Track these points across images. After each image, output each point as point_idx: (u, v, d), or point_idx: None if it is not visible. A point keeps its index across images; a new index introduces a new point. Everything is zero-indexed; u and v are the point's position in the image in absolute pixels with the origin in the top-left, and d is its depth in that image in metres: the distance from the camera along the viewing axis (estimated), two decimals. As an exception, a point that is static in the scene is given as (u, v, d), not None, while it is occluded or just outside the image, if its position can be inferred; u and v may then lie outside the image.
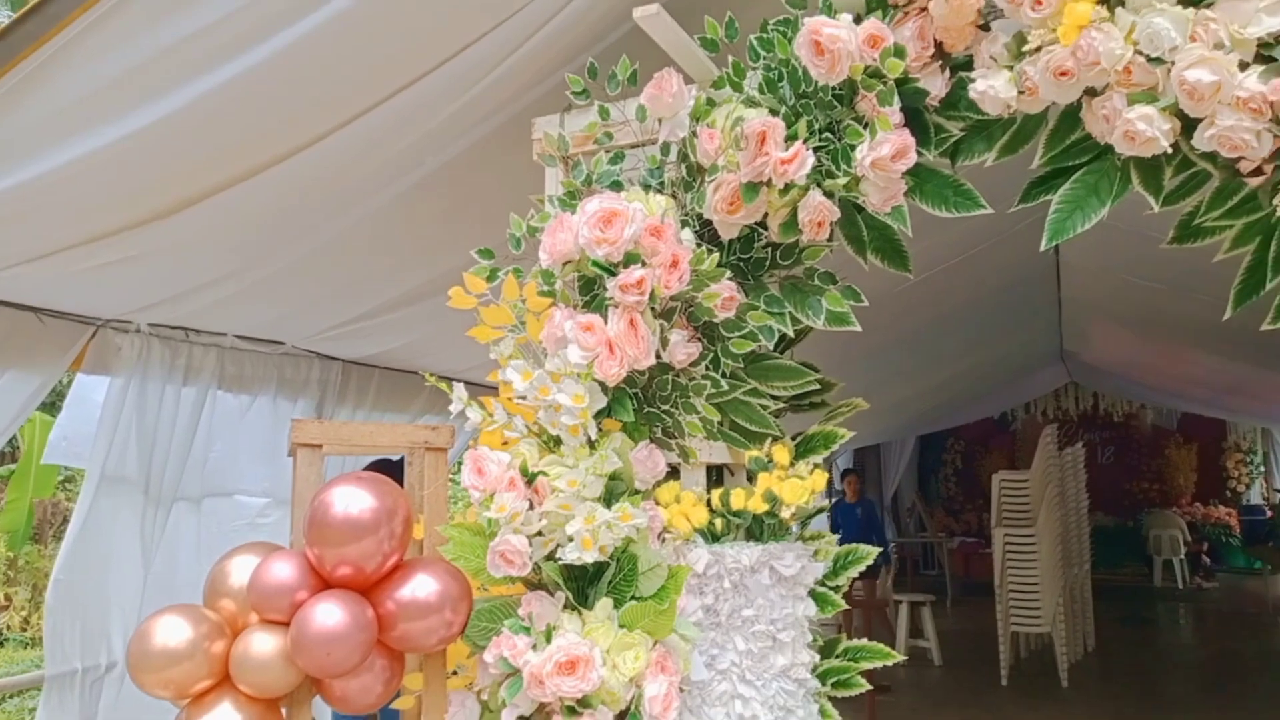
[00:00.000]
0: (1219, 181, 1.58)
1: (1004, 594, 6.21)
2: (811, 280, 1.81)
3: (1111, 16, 1.43)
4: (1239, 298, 1.67)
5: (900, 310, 5.82)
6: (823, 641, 1.99)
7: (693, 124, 1.71)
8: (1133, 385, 11.77)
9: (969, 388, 10.14)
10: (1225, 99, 1.37)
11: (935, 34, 1.57)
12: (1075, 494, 7.49)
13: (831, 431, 2.04)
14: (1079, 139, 1.61)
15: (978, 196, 1.72)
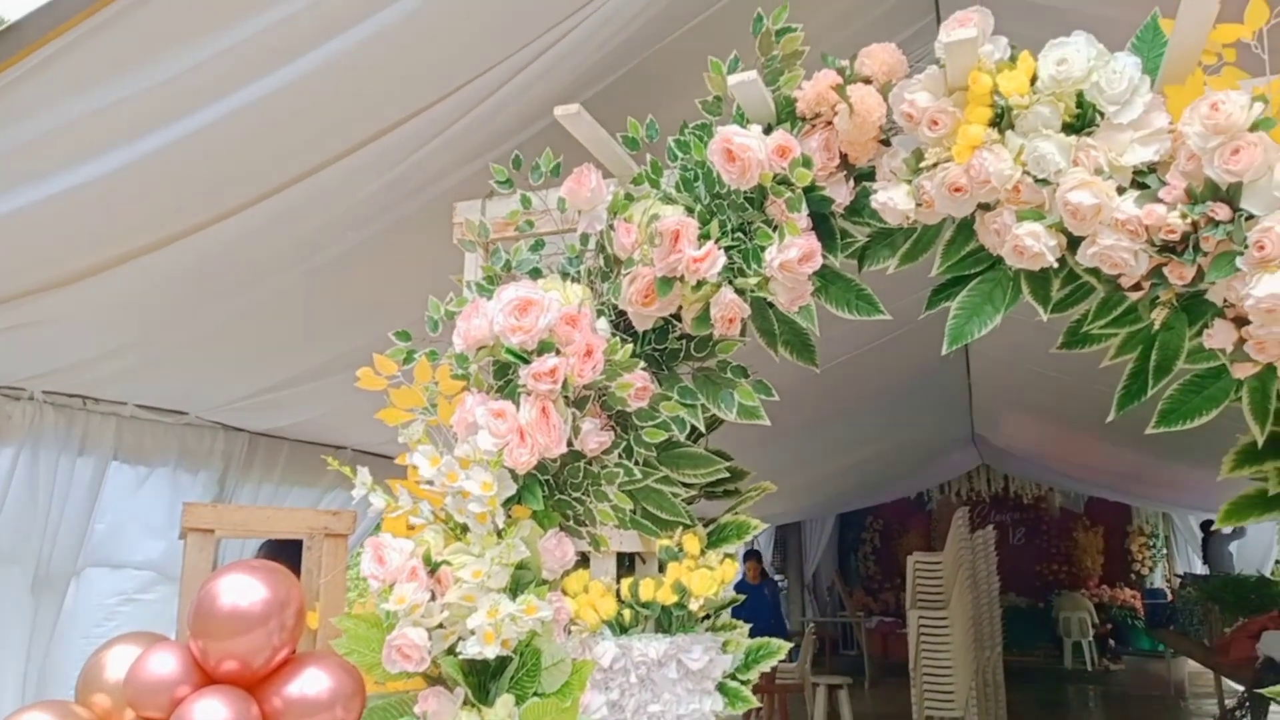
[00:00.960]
0: (1104, 293, 1.69)
1: (918, 677, 6.24)
2: (724, 373, 1.85)
3: (1002, 139, 1.53)
4: (1122, 403, 1.76)
5: (821, 391, 5.95)
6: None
7: (610, 217, 1.75)
8: (1041, 469, 12.18)
9: (887, 468, 10.35)
10: (1105, 220, 1.47)
11: (840, 146, 1.65)
12: (987, 576, 7.64)
13: (744, 521, 2.06)
14: (974, 250, 1.70)
15: (877, 303, 1.79)
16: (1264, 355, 1.46)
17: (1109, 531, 14.90)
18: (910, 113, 1.56)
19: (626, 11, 2.03)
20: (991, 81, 1.50)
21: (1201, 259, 1.43)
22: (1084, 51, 1.45)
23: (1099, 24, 1.71)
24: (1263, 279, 1.35)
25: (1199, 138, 1.38)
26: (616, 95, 2.28)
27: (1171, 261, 1.46)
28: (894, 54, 1.61)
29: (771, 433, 7.18)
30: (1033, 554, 15.03)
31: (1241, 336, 1.48)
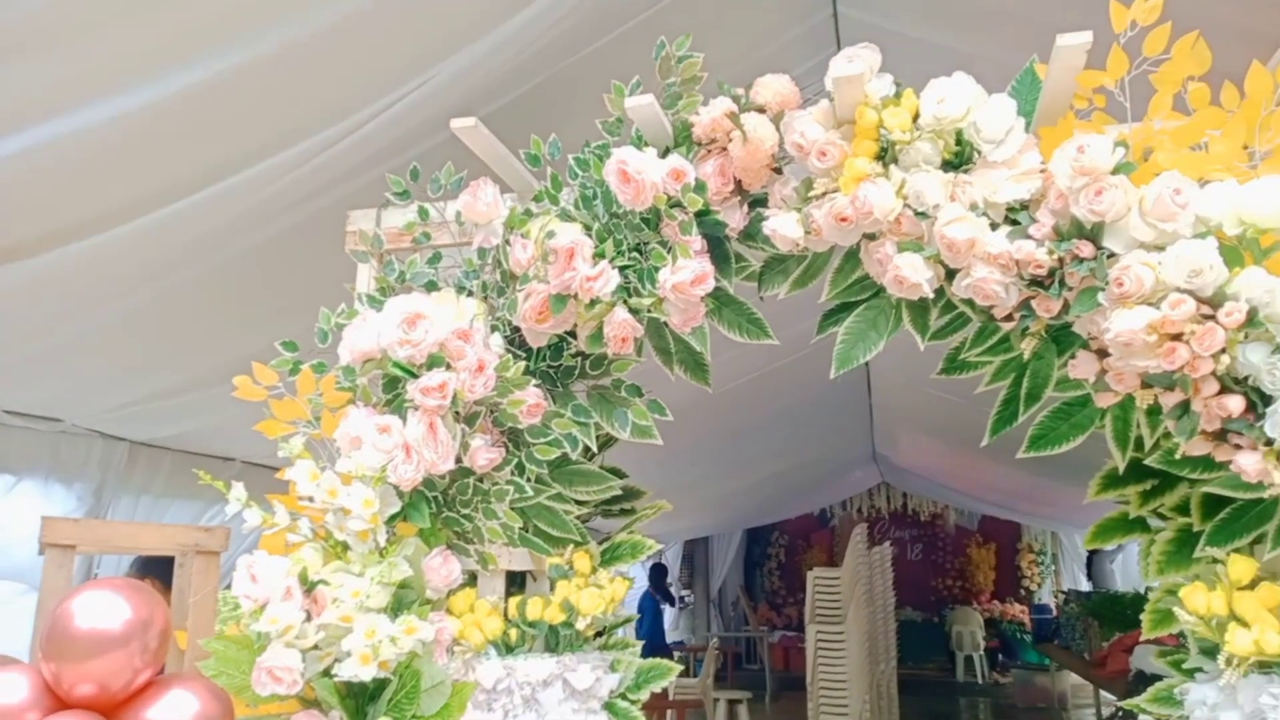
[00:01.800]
0: (979, 323, 1.76)
1: (815, 690, 6.36)
2: (619, 391, 1.85)
3: (886, 173, 1.58)
4: (995, 428, 1.84)
5: (728, 407, 6.04)
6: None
7: (507, 232, 1.74)
8: (938, 487, 12.60)
9: (792, 484, 10.55)
10: (979, 254, 1.54)
11: (735, 172, 1.69)
12: (883, 591, 7.85)
13: (639, 540, 2.06)
14: (860, 278, 1.75)
15: (767, 327, 1.84)
16: (1122, 386, 1.54)
17: (1001, 548, 15.49)
18: (800, 143, 1.61)
19: (536, 28, 2.03)
20: (877, 117, 1.56)
21: (1067, 293, 1.51)
22: (963, 91, 1.52)
23: (985, 64, 1.80)
24: (1120, 314, 1.43)
25: (1066, 178, 1.46)
26: (523, 110, 2.27)
27: (1039, 295, 1.53)
28: (787, 85, 1.65)
29: (680, 449, 7.28)
30: (929, 569, 15.51)
31: (1103, 368, 1.56)
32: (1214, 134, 1.48)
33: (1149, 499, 1.84)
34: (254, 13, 1.66)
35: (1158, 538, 1.84)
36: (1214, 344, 1.39)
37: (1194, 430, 1.51)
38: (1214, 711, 1.58)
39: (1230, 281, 1.40)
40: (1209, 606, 1.58)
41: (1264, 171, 1.44)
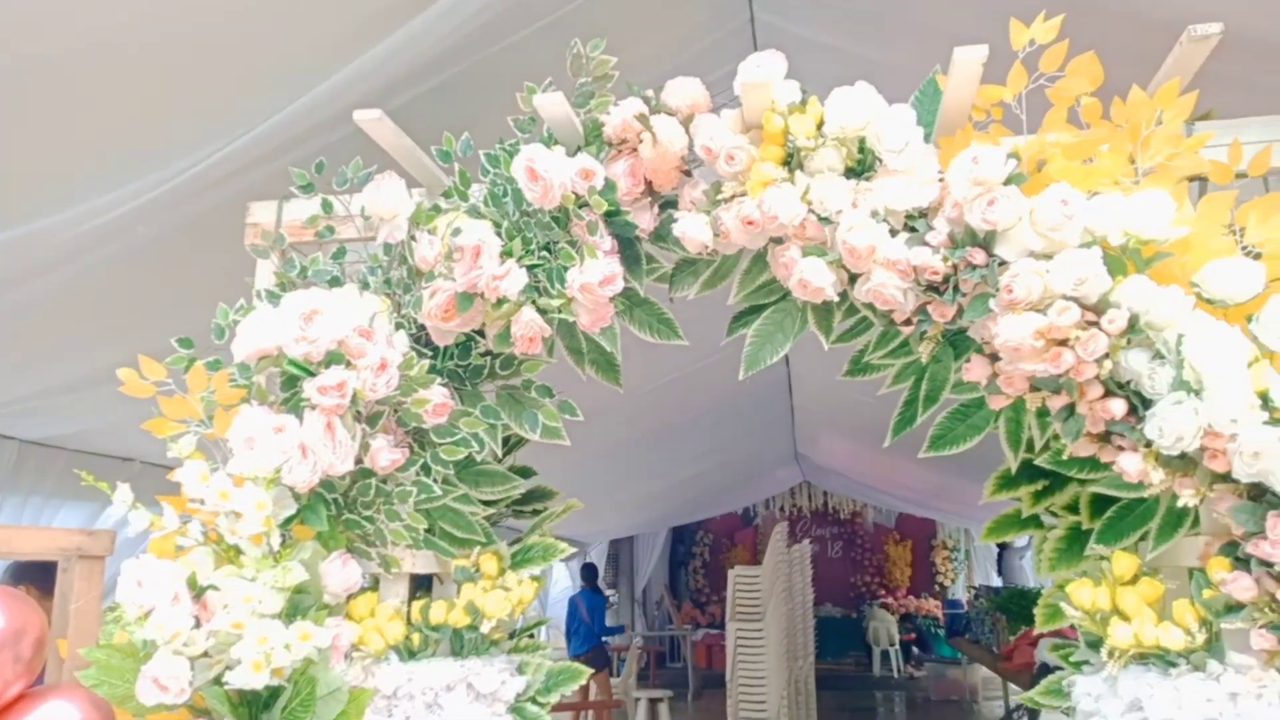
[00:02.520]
0: (881, 327, 1.80)
1: (734, 687, 6.43)
2: (528, 392, 1.84)
3: (791, 178, 1.60)
4: (897, 428, 1.89)
5: (652, 406, 6.06)
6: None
7: (413, 228, 1.71)
8: (856, 485, 12.88)
9: (716, 483, 10.65)
10: (878, 259, 1.57)
11: (645, 173, 1.69)
12: (802, 588, 7.98)
13: (551, 543, 2.05)
14: (767, 281, 1.78)
15: (677, 328, 1.85)
16: (1012, 389, 1.60)
17: (917, 545, 15.93)
18: (710, 147, 1.62)
19: (451, 20, 1.99)
20: (783, 123, 1.58)
21: (961, 299, 1.56)
22: (864, 101, 1.55)
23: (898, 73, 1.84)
24: (1010, 320, 1.48)
25: (962, 188, 1.51)
26: (436, 105, 2.23)
27: (935, 300, 1.57)
28: (698, 89, 1.66)
29: (604, 448, 7.26)
30: (848, 566, 15.86)
31: (994, 371, 1.61)
32: (1103, 149, 1.55)
33: (1041, 498, 1.91)
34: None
35: (1049, 535, 1.91)
36: (1097, 349, 1.45)
37: (1079, 432, 1.57)
38: (1098, 702, 1.65)
39: (1114, 290, 1.46)
40: (1094, 601, 1.65)
41: (1147, 186, 1.51)
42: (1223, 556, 1.52)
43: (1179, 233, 1.45)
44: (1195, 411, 1.41)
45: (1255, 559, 1.45)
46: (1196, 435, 1.42)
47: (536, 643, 2.07)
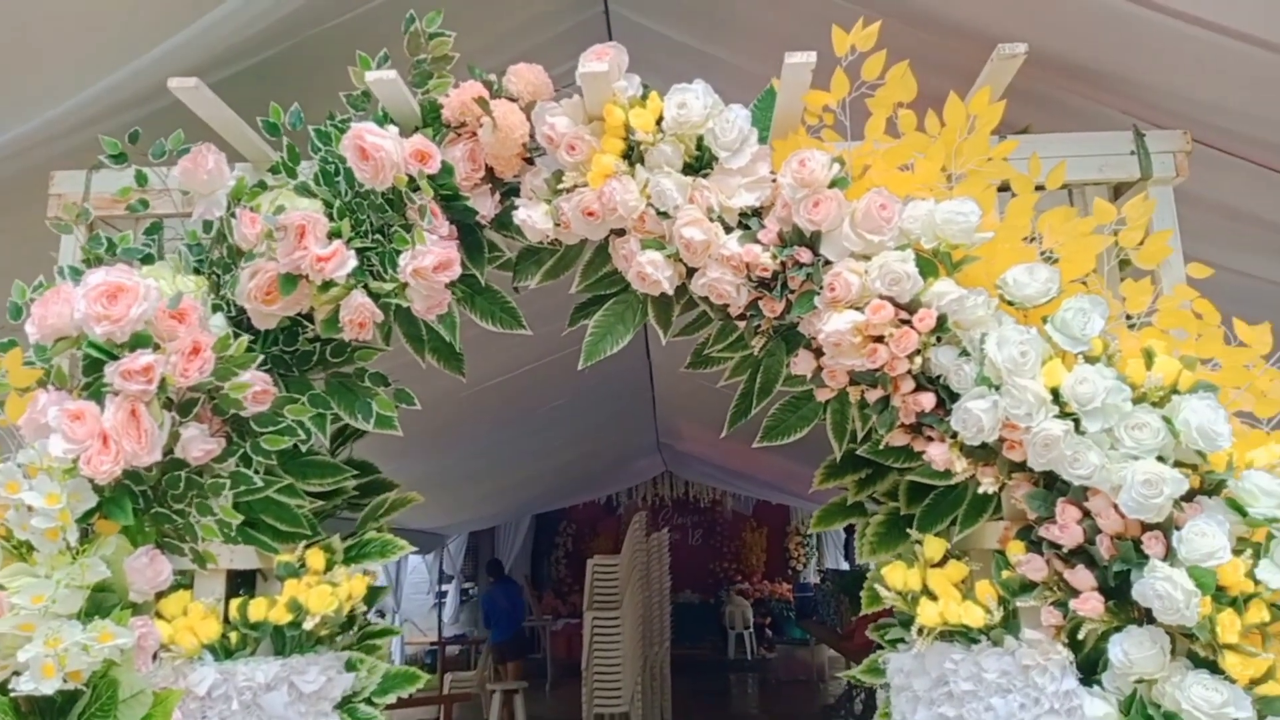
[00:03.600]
0: (719, 320, 1.84)
1: (589, 676, 6.48)
2: (362, 380, 1.78)
3: (631, 171, 1.62)
4: (733, 419, 1.94)
5: (513, 394, 6.00)
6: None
7: (234, 204, 1.62)
8: (716, 475, 13.22)
9: (579, 473, 10.68)
10: (713, 255, 1.61)
11: (486, 159, 1.66)
12: (660, 576, 8.12)
13: (389, 540, 1.99)
14: (609, 272, 1.79)
15: (520, 317, 1.84)
16: (835, 382, 1.67)
17: (772, 532, 16.50)
18: (551, 135, 1.61)
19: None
20: (624, 116, 1.59)
21: (790, 295, 1.61)
22: (701, 99, 1.58)
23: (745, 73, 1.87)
24: (832, 316, 1.55)
25: (790, 189, 1.56)
26: (269, 78, 2.12)
27: (766, 296, 1.63)
28: (540, 75, 1.65)
29: (462, 438, 7.11)
30: (708, 554, 16.25)
31: (819, 365, 1.68)
32: (919, 157, 1.64)
33: (864, 486, 2.01)
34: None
35: (871, 521, 2.01)
36: (909, 346, 1.53)
37: (893, 423, 1.66)
38: (908, 678, 1.76)
39: (925, 290, 1.55)
40: (906, 583, 1.75)
41: (958, 193, 1.61)
42: (1019, 540, 1.64)
43: (984, 238, 1.55)
44: (995, 405, 1.52)
45: (1046, 542, 1.57)
46: (995, 427, 1.53)
47: (375, 644, 2.01)
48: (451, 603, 11.78)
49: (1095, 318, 1.52)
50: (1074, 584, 1.52)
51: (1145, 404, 1.49)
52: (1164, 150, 1.82)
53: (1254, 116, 1.99)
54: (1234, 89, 1.85)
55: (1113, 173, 1.83)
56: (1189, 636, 1.44)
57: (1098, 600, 1.49)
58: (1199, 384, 1.50)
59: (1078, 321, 1.52)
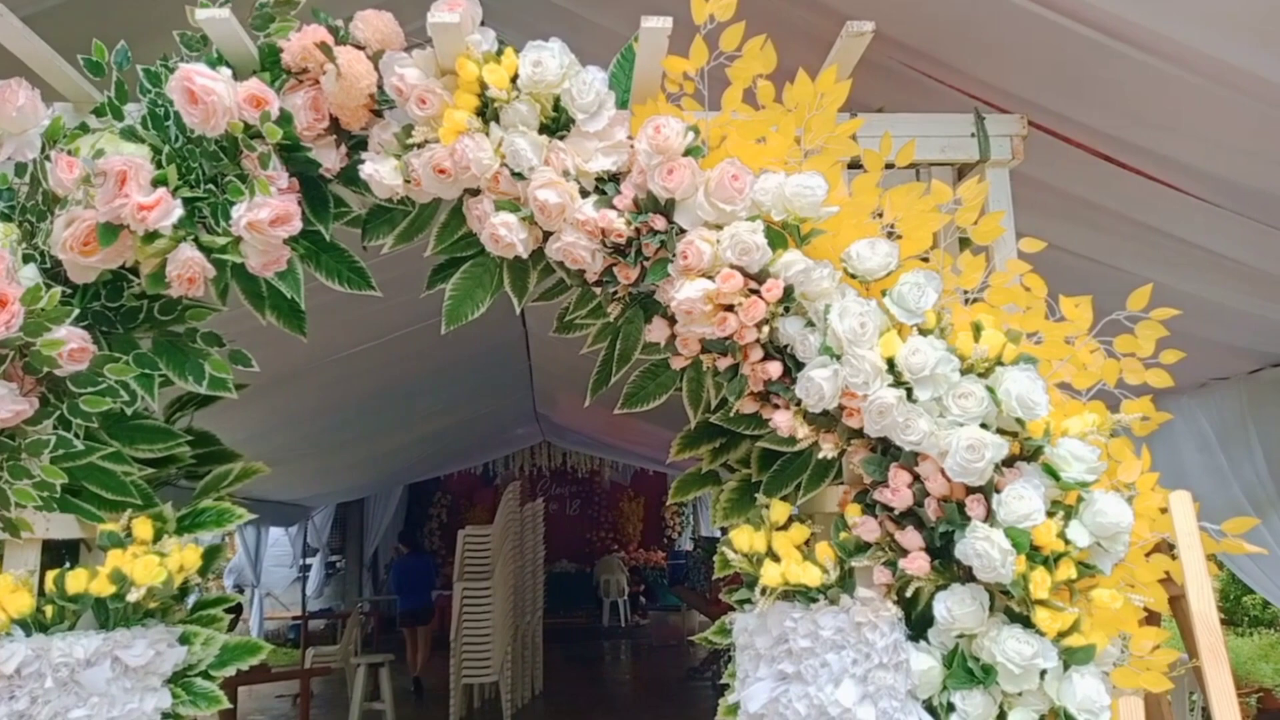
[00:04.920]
0: (578, 286, 1.83)
1: (458, 647, 6.43)
2: (193, 341, 1.68)
3: (485, 129, 1.58)
4: (594, 387, 1.94)
5: (383, 361, 5.82)
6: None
7: (49, 146, 1.49)
8: (594, 445, 13.30)
9: (453, 441, 10.52)
10: (569, 219, 1.59)
11: (330, 109, 1.58)
12: (533, 546, 8.12)
13: (226, 509, 1.89)
14: (466, 234, 1.74)
15: (370, 278, 1.77)
16: (688, 350, 1.69)
17: (649, 501, 16.77)
18: (400, 87, 1.55)
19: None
20: (478, 71, 1.54)
21: (644, 262, 1.62)
22: (558, 58, 1.55)
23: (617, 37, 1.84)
24: (684, 284, 1.56)
25: (645, 155, 1.56)
26: (98, 14, 1.95)
27: (620, 263, 1.63)
28: (389, 23, 1.58)
29: (327, 406, 6.84)
30: (585, 523, 16.39)
31: (673, 333, 1.70)
32: (773, 130, 1.66)
33: (719, 455, 2.05)
34: None
35: (724, 488, 2.06)
36: (757, 315, 1.56)
37: (743, 391, 1.70)
38: (751, 637, 1.82)
39: (774, 261, 1.58)
40: (751, 544, 1.81)
41: (809, 168, 1.65)
42: (856, 504, 1.71)
43: (830, 212, 1.60)
44: (835, 374, 1.57)
45: (880, 505, 1.65)
46: (836, 395, 1.58)
47: (213, 614, 1.92)
48: (316, 576, 11.43)
49: (929, 292, 1.59)
50: (904, 544, 1.60)
51: (972, 374, 1.57)
52: (1002, 134, 1.91)
53: (1088, 102, 2.12)
54: (1071, 76, 1.96)
55: (955, 154, 1.91)
56: (1005, 593, 1.54)
57: (924, 560, 1.58)
58: (1021, 356, 1.59)
59: (913, 295, 1.58)
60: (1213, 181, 2.34)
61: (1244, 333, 3.45)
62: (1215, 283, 2.86)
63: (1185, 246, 2.64)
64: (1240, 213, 2.44)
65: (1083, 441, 1.55)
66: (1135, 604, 1.57)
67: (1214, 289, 2.90)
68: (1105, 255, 2.77)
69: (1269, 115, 1.96)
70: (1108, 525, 1.47)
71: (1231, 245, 2.62)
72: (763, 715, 1.72)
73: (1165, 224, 2.60)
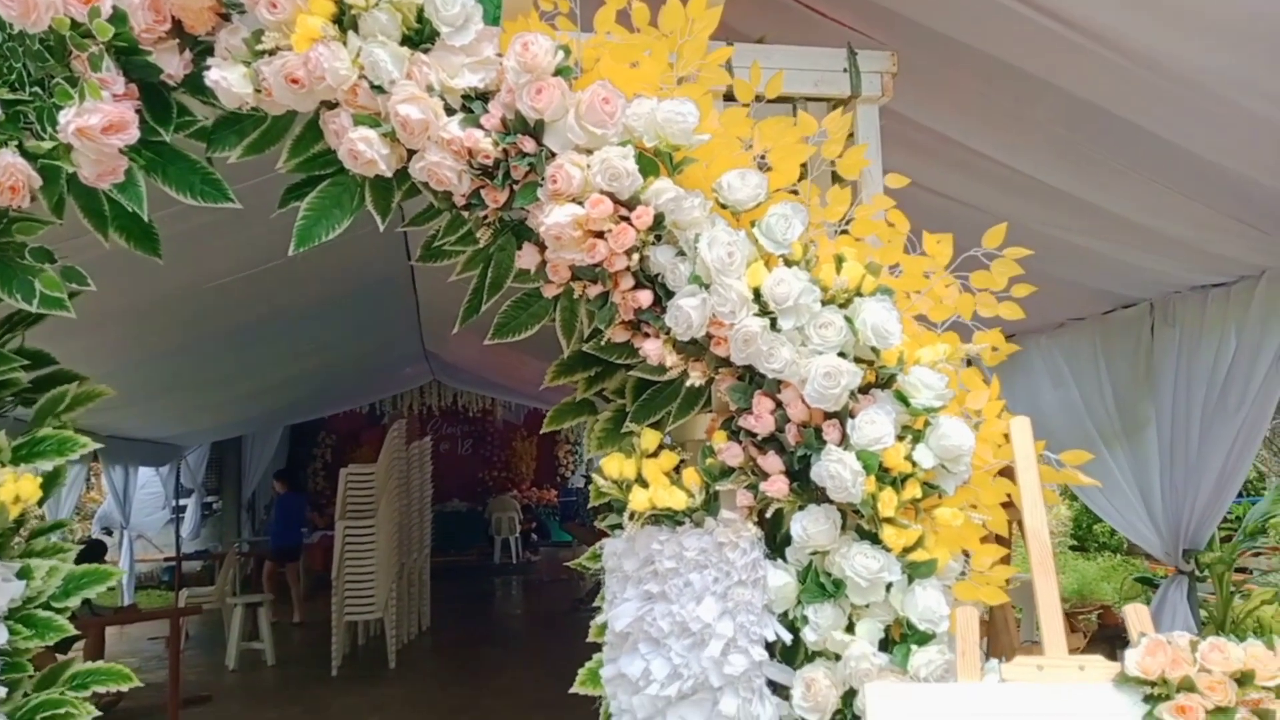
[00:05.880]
0: (446, 210, 1.78)
1: (340, 585, 6.35)
2: (22, 256, 1.56)
3: (342, 37, 1.50)
4: (464, 315, 1.91)
5: (256, 295, 5.56)
6: (35, 671, 1.74)
7: None
8: (485, 384, 13.17)
9: (337, 380, 10.21)
10: (433, 137, 1.53)
11: (172, 10, 1.47)
12: (420, 485, 8.04)
13: (68, 437, 1.79)
14: (324, 150, 1.66)
15: (226, 189, 1.67)
16: (558, 277, 1.68)
17: (542, 440, 16.81)
18: (248, -13, 1.45)
19: None
20: (334, -26, 1.46)
21: (514, 186, 1.58)
22: (420, -35, 1.48)
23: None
24: (554, 209, 1.54)
25: (514, 73, 1.51)
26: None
27: (488, 185, 1.59)
28: (236, -82, 1.47)
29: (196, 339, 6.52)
30: (477, 463, 16.32)
31: (544, 260, 1.68)
32: (646, 54, 1.64)
33: (593, 384, 2.06)
34: None
35: (600, 418, 2.07)
36: (627, 242, 1.56)
37: (613, 319, 1.70)
38: (620, 560, 1.85)
39: (644, 189, 1.58)
40: (621, 471, 1.83)
41: (681, 94, 1.63)
42: (723, 430, 1.75)
43: (701, 140, 1.59)
44: (704, 303, 1.59)
45: (744, 431, 1.69)
46: (704, 324, 1.61)
47: (58, 545, 1.83)
48: (192, 517, 11.02)
49: (796, 224, 1.62)
50: (765, 468, 1.65)
51: (833, 305, 1.62)
52: (873, 70, 1.95)
53: (960, 44, 2.18)
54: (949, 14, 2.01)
55: (828, 88, 1.94)
56: (857, 513, 1.62)
57: (784, 482, 1.63)
58: (879, 288, 1.65)
59: (780, 227, 1.61)
60: (1074, 122, 2.45)
61: (1099, 275, 3.68)
62: (1074, 227, 3.03)
63: (1047, 189, 2.78)
64: (1098, 156, 2.58)
65: (933, 370, 1.63)
66: (976, 522, 1.67)
67: (1073, 234, 3.08)
68: (970, 196, 2.88)
69: (1122, 67, 2.07)
70: (951, 448, 1.56)
71: (1090, 189, 2.77)
72: (629, 633, 1.77)
73: (1029, 167, 2.73)
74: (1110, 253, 3.22)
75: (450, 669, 7.02)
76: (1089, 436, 4.33)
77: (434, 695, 6.15)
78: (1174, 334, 3.79)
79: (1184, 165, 2.49)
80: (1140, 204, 2.78)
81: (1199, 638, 1.41)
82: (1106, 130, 2.43)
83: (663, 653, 1.71)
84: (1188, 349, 3.74)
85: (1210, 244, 3.00)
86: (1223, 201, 2.68)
